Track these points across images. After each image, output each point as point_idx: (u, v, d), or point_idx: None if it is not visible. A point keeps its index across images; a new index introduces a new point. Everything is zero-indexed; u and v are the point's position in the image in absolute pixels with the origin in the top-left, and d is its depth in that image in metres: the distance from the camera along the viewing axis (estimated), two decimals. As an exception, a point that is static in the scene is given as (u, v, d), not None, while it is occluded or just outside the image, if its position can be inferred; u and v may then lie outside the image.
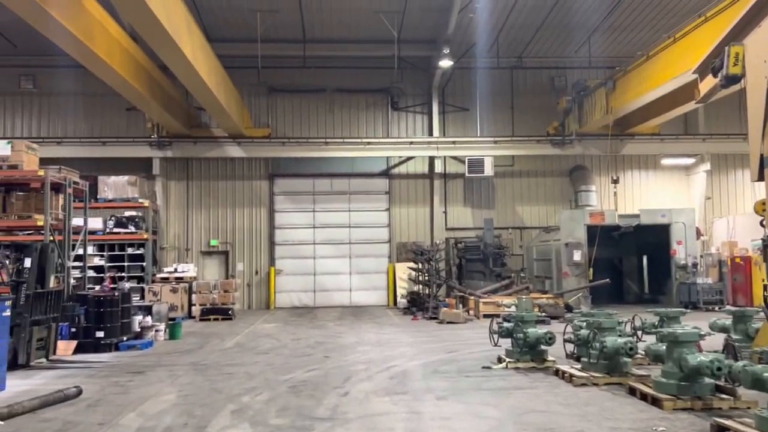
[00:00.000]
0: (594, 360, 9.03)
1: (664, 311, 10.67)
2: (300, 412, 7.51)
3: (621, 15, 21.04)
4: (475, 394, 8.41)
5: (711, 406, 7.28)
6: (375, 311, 21.69)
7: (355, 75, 24.09)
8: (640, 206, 23.01)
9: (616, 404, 7.70)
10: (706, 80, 12.81)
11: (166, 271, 20.66)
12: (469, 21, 20.78)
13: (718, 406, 7.28)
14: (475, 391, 8.56)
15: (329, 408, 7.69)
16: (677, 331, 7.73)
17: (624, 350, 8.68)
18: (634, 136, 23.38)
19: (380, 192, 24.39)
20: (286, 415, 7.35)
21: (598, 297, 20.84)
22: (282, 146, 22.87)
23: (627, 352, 8.70)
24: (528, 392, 8.46)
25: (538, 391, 8.49)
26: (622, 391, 8.34)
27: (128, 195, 20.55)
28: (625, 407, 7.54)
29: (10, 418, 7.15)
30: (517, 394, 8.33)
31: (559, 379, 9.25)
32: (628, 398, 7.99)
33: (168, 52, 14.60)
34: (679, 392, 7.44)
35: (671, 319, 10.45)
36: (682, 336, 7.59)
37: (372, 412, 7.49)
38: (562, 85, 24.57)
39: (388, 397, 8.23)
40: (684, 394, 7.42)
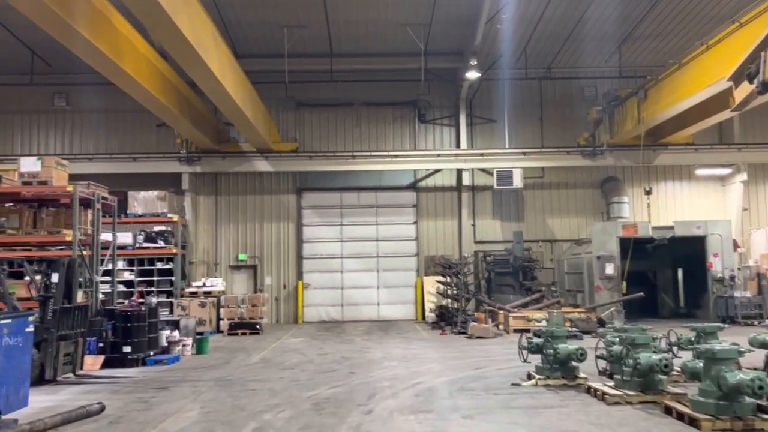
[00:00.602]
0: (627, 377, 8.71)
1: (700, 326, 10.28)
2: (322, 430, 7.34)
3: (652, 23, 20.68)
4: (503, 412, 8.16)
5: (752, 427, 6.94)
6: (403, 325, 21.47)
7: (381, 88, 24.06)
8: (674, 218, 22.45)
9: (651, 424, 7.39)
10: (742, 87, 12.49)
11: (195, 285, 20.73)
12: (496, 32, 20.61)
13: (760, 427, 6.94)
14: (503, 410, 8.30)
15: (352, 427, 7.51)
16: (715, 348, 7.40)
17: (659, 367, 8.35)
18: (667, 147, 22.89)
19: (408, 205, 24.23)
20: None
21: (632, 311, 20.34)
22: (309, 160, 22.89)
23: (662, 369, 8.36)
24: (558, 411, 8.18)
25: (569, 410, 8.20)
26: (658, 410, 8.01)
27: (158, 210, 20.75)
28: (660, 428, 7.23)
29: (31, 435, 7.11)
30: (547, 413, 8.05)
31: (591, 397, 8.94)
32: (664, 418, 7.67)
33: (195, 68, 14.70)
34: (717, 412, 7.11)
35: (708, 335, 10.05)
36: (720, 353, 7.26)
37: (396, 431, 7.29)
38: (592, 95, 24.23)
39: (413, 416, 8.02)
40: (723, 414, 7.08)
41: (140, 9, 11.43)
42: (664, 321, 20.03)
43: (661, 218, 23.12)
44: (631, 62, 23.24)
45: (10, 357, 7.12)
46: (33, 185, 13.67)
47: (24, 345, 7.40)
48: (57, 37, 12.54)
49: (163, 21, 11.75)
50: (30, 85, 23.06)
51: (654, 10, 19.72)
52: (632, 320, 18.93)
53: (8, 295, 10.84)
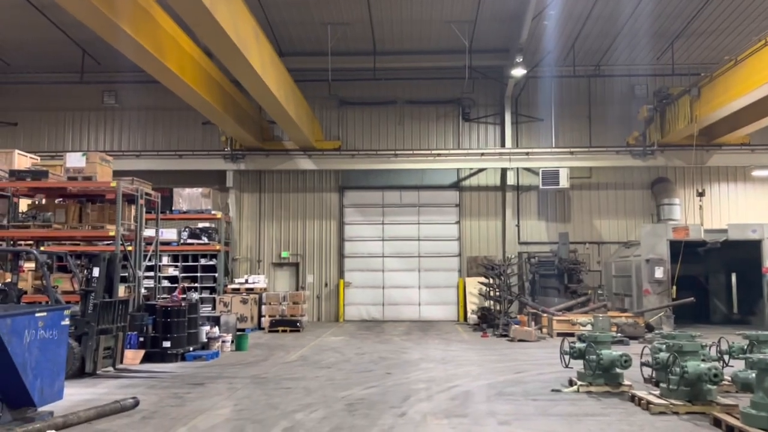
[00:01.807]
0: (674, 386, 8.31)
1: (754, 334, 9.76)
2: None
3: (706, 20, 19.92)
4: (540, 419, 7.87)
5: (808, 444, 6.51)
6: (444, 326, 21.21)
7: (425, 86, 23.84)
8: (728, 221, 21.60)
9: (698, 437, 7.01)
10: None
11: (237, 282, 20.87)
12: (542, 29, 20.16)
13: (817, 443, 6.51)
14: (542, 417, 8.01)
15: (383, 429, 7.33)
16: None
17: (707, 376, 7.94)
18: (721, 147, 22.04)
19: (450, 204, 23.94)
20: (338, 436, 7.05)
21: (682, 316, 19.66)
22: (352, 158, 22.82)
23: (711, 379, 7.95)
24: (599, 419, 7.85)
25: (611, 419, 7.87)
26: (706, 422, 7.62)
27: (202, 207, 20.95)
28: (708, 440, 6.85)
29: (65, 428, 7.15)
30: (587, 422, 7.73)
31: (634, 406, 8.58)
32: (712, 430, 7.29)
33: (237, 65, 14.75)
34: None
35: (762, 343, 9.53)
36: (775, 363, 6.83)
37: (428, 435, 7.09)
38: (642, 93, 23.50)
39: (447, 420, 7.80)
40: (777, 428, 6.66)
41: (182, 6, 11.49)
42: (716, 327, 19.30)
43: (714, 221, 22.31)
44: (684, 59, 22.47)
45: (45, 350, 7.17)
46: (78, 180, 13.90)
47: (59, 338, 7.45)
48: (101, 34, 12.73)
49: (205, 18, 11.79)
50: (80, 83, 23.63)
51: (709, 5, 18.97)
52: (682, 326, 18.30)
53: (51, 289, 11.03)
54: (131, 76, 21.66)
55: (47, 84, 24.30)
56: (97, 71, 23.53)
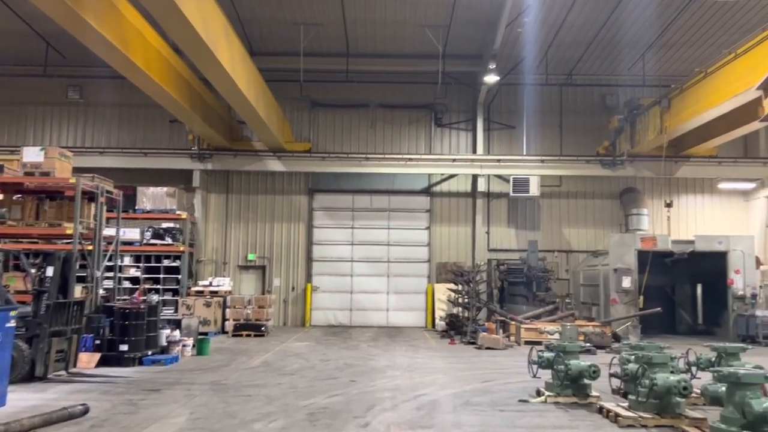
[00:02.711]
0: (643, 398, 8.16)
1: (722, 346, 9.71)
2: (313, 444, 6.90)
3: (677, 31, 20.07)
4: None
5: (778, 460, 6.39)
6: (411, 333, 20.98)
7: (398, 90, 23.66)
8: (695, 232, 21.78)
9: (666, 451, 6.86)
10: (772, 96, 11.90)
11: (202, 284, 20.39)
12: (516, 36, 20.13)
13: (787, 460, 6.39)
14: (509, 429, 7.80)
15: (346, 441, 7.05)
16: (739, 372, 6.84)
17: (677, 389, 7.80)
18: (689, 158, 22.24)
19: (421, 210, 23.76)
20: (298, 447, 6.74)
21: (649, 327, 19.72)
22: (322, 161, 22.50)
23: (680, 392, 7.81)
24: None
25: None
26: (674, 436, 7.47)
27: (166, 206, 20.47)
28: (677, 455, 6.69)
29: (6, 437, 6.73)
30: (555, 434, 7.54)
31: (603, 418, 8.41)
32: (681, 444, 7.13)
33: (205, 63, 14.38)
34: (740, 442, 6.56)
35: (730, 356, 9.50)
36: (746, 377, 6.70)
37: (392, 447, 6.82)
38: (613, 103, 23.63)
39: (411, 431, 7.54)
40: (747, 444, 6.53)
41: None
42: (682, 338, 19.40)
43: (681, 232, 22.48)
44: (655, 71, 22.63)
45: (-13, 353, 6.74)
46: (35, 176, 13.39)
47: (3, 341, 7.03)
48: (65, 25, 12.26)
49: (171, 11, 11.42)
50: (44, 77, 22.95)
51: (680, 18, 19.12)
52: (648, 336, 18.36)
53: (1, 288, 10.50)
54: (97, 71, 21.04)
55: (9, 77, 23.56)
56: (61, 65, 22.88)
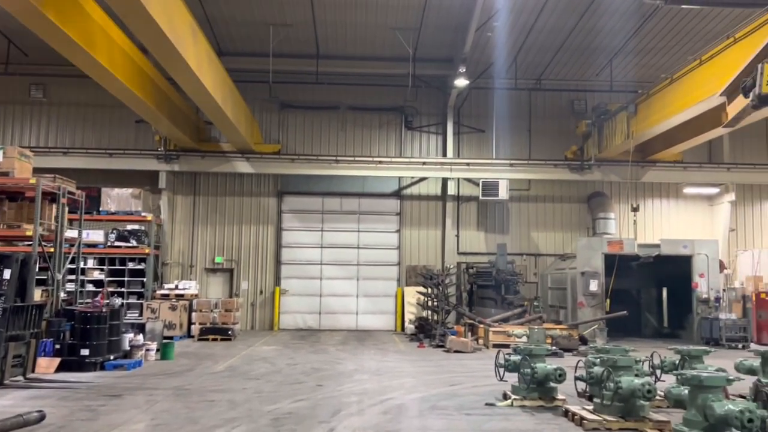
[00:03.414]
0: (608, 401, 8.20)
1: (686, 349, 9.82)
2: (276, 450, 6.77)
3: (644, 38, 20.33)
4: (474, 435, 7.62)
5: (739, 462, 6.44)
6: (381, 336, 20.89)
7: (368, 93, 23.57)
8: (660, 236, 22.08)
9: (630, 454, 6.87)
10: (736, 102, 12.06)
11: (167, 287, 20.05)
12: (486, 40, 20.21)
13: (748, 462, 6.44)
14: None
15: (309, 447, 6.94)
16: (702, 375, 6.92)
17: (641, 392, 7.84)
18: (655, 163, 22.55)
19: (391, 213, 23.70)
20: (260, 454, 6.61)
21: (615, 329, 19.89)
22: (291, 163, 22.30)
23: (645, 395, 7.85)
24: (533, 436, 7.65)
25: (545, 435, 7.68)
26: (638, 439, 7.50)
27: (131, 208, 20.09)
28: (641, 458, 6.71)
29: (-44, 446, 6.49)
30: (521, 438, 7.52)
31: (568, 422, 8.43)
32: (645, 447, 7.15)
33: (171, 62, 14.13)
34: (702, 444, 6.61)
35: (693, 358, 9.60)
36: (708, 380, 6.78)
37: (356, 453, 6.73)
38: (581, 108, 23.86)
39: (377, 436, 7.46)
40: (709, 446, 6.59)
41: (111, -6, 10.88)
42: (647, 341, 19.60)
43: (647, 236, 22.78)
44: (622, 77, 22.89)
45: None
46: (-6, 176, 12.99)
47: (-46, 346, 6.77)
48: (25, 22, 11.90)
49: (135, 9, 11.19)
50: (5, 75, 22.36)
51: (646, 25, 19.37)
52: (615, 339, 18.51)
53: (-45, 291, 10.18)
54: (61, 69, 20.49)
55: (-32, 74, 22.93)
56: (24, 63, 22.33)
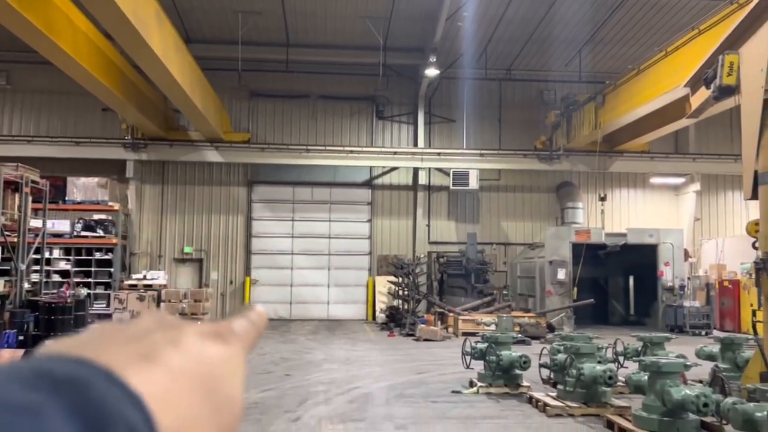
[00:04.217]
0: (570, 388, 8.34)
1: (648, 336, 10.04)
2: (240, 440, 6.76)
3: (612, 29, 20.54)
4: (438, 423, 7.70)
5: (695, 446, 6.62)
6: (352, 326, 20.93)
7: (339, 81, 23.46)
8: (627, 225, 22.42)
9: (591, 439, 7.01)
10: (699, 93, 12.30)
11: (135, 278, 19.84)
12: (457, 30, 20.22)
13: (703, 445, 6.63)
14: (439, 420, 7.84)
15: (274, 436, 6.96)
16: (660, 361, 7.07)
17: (603, 379, 8.01)
18: (622, 153, 22.82)
19: (362, 202, 23.69)
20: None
21: (582, 317, 20.19)
22: (261, 152, 22.14)
23: (606, 381, 8.02)
24: (497, 423, 7.76)
25: (508, 422, 7.79)
26: (600, 424, 7.66)
27: (98, 197, 19.83)
28: (601, 443, 6.85)
29: None
30: (485, 425, 7.62)
31: (532, 408, 8.56)
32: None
33: (136, 49, 13.90)
34: (660, 428, 6.78)
35: (655, 345, 9.82)
36: (666, 366, 6.92)
37: (320, 442, 6.77)
38: (551, 98, 24.04)
39: (343, 425, 7.49)
40: (666, 430, 6.74)
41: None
42: (614, 328, 19.92)
43: (614, 225, 23.08)
44: (591, 67, 23.10)
45: None
46: (-47, 165, 12.72)
47: None
48: (-16, 6, 11.65)
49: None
50: (-34, 61, 21.86)
51: (615, 15, 19.57)
52: (582, 326, 18.78)
53: None
54: (25, 55, 20.07)
55: (-72, 60, 22.35)
56: (-15, 49, 21.81)
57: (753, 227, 8.94)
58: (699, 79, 10.73)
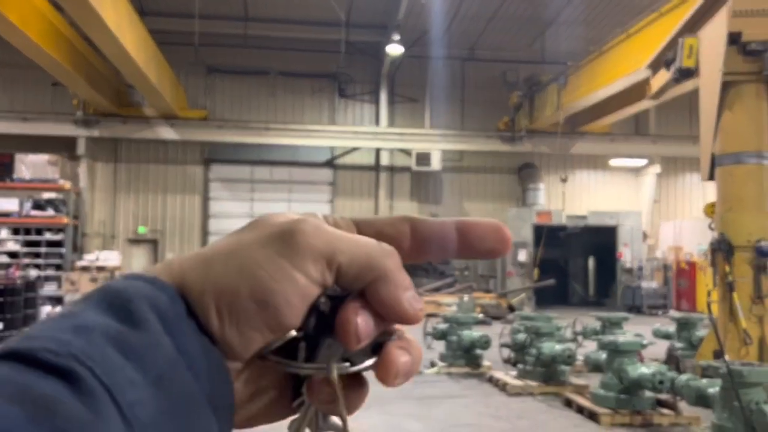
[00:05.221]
0: (530, 367, 8.32)
1: (606, 316, 10.11)
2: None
3: (576, 9, 20.50)
4: (400, 403, 7.54)
5: (651, 422, 6.68)
6: (312, 307, 20.69)
7: (300, 58, 22.98)
8: (588, 207, 22.58)
9: (550, 417, 6.96)
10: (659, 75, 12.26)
11: (87, 259, 19.24)
12: (420, 8, 19.92)
13: (659, 422, 6.68)
14: (401, 400, 7.68)
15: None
16: (618, 340, 7.07)
17: (562, 358, 7.99)
18: (584, 135, 22.91)
19: (324, 183, 23.40)
20: None
21: (543, 298, 20.33)
22: (219, 130, 21.61)
23: (565, 360, 8.01)
24: (458, 401, 7.67)
25: (468, 401, 7.71)
26: (559, 402, 7.61)
27: (48, 176, 19.15)
28: (559, 421, 6.81)
29: None
30: (446, 404, 7.52)
31: (492, 387, 8.51)
32: (564, 410, 7.27)
33: (87, 21, 13.34)
34: (617, 406, 6.77)
35: (613, 325, 9.88)
36: (623, 345, 6.92)
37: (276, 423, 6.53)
38: (514, 79, 23.91)
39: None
40: (623, 407, 6.76)
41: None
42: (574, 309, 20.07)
43: (575, 207, 23.20)
44: (554, 48, 23.03)
45: None
46: None
47: None
48: None
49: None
50: None
51: (578, -5, 19.53)
52: (543, 307, 18.92)
53: None
54: (-32, 26, 19.22)
55: None
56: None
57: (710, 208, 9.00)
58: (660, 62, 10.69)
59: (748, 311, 7.83)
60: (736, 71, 8.19)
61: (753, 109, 8.19)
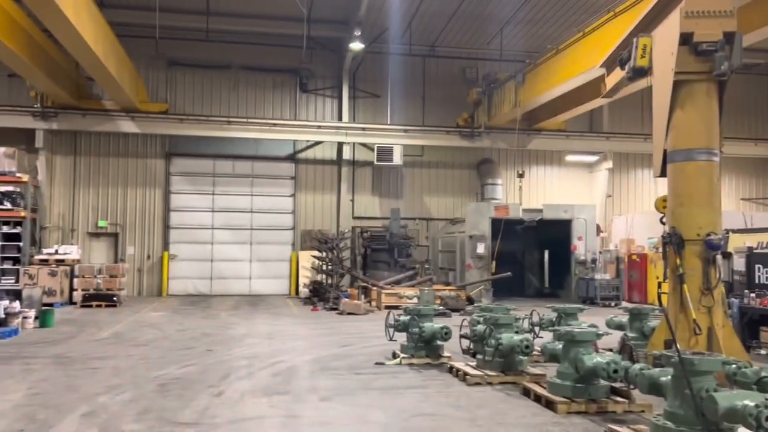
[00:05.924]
0: (489, 357, 8.63)
1: (562, 307, 10.49)
2: (162, 415, 6.66)
3: (534, 8, 20.94)
4: (362, 394, 7.81)
5: (605, 410, 7.00)
6: (275, 301, 20.81)
7: (262, 52, 22.96)
8: (544, 201, 23.15)
9: (509, 406, 7.28)
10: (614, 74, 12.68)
11: (46, 252, 19.00)
12: (382, 3, 20.15)
13: (613, 409, 7.01)
14: (364, 391, 7.95)
15: (197, 411, 6.87)
16: (574, 330, 7.41)
17: (520, 348, 8.32)
18: (541, 132, 23.49)
19: (285, 177, 23.45)
20: (145, 420, 6.48)
21: (500, 290, 20.80)
22: (180, 123, 21.46)
23: (523, 350, 8.34)
24: (419, 392, 7.95)
25: (429, 391, 7.99)
26: (517, 391, 7.95)
27: (5, 168, 18.76)
28: (518, 410, 7.13)
29: None
30: (408, 394, 7.79)
31: (453, 377, 8.81)
32: (522, 399, 7.60)
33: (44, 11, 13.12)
34: (573, 394, 7.11)
35: (569, 316, 10.28)
36: (579, 335, 7.26)
37: (244, 416, 6.73)
38: (473, 76, 24.33)
39: (267, 398, 7.49)
40: (579, 396, 7.09)
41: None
42: (530, 300, 20.64)
43: (532, 201, 23.79)
44: (512, 46, 23.49)
45: None
46: None
47: None
48: None
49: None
50: None
51: (536, -5, 19.95)
52: (500, 299, 19.39)
53: None
54: None
55: None
56: None
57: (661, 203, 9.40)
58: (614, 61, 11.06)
59: (697, 302, 8.17)
60: (687, 70, 8.50)
61: (704, 108, 8.48)
